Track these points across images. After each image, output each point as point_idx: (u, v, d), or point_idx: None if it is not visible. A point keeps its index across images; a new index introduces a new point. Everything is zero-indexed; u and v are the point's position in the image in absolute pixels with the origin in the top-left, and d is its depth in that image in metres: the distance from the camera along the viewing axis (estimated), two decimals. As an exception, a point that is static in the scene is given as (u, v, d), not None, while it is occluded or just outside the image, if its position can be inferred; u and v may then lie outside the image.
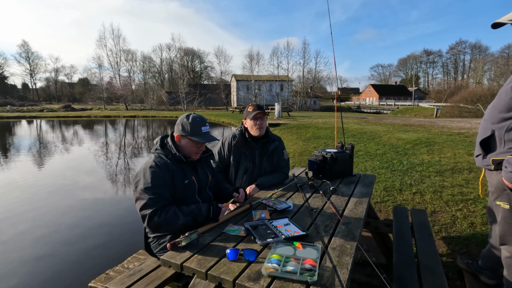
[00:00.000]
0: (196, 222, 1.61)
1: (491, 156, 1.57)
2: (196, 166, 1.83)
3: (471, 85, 48.02)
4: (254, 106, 2.36)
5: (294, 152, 7.88)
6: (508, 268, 1.67)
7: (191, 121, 1.72)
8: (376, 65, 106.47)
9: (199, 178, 1.82)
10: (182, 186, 1.70)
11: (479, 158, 1.68)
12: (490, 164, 1.58)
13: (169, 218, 1.56)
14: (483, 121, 1.68)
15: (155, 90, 54.33)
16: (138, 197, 1.58)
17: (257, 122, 2.33)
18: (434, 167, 5.16)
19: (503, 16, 1.55)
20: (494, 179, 1.60)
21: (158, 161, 1.66)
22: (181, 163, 1.73)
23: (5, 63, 64.80)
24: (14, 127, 20.89)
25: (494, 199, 1.64)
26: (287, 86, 45.84)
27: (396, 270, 1.67)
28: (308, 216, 1.68)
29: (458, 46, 71.16)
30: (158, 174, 1.60)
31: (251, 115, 2.32)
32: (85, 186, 6.03)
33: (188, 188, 1.74)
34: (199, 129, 1.71)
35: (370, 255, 2.75)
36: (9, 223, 4.09)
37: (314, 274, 1.06)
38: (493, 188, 1.63)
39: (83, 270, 2.94)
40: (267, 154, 2.44)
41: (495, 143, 1.56)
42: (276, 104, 20.69)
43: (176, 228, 1.60)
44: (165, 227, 1.59)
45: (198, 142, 1.72)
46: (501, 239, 1.67)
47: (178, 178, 1.69)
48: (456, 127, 11.07)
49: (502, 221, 1.61)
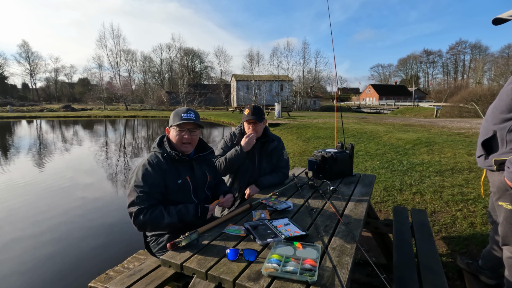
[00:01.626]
0: (183, 222, 1.61)
1: (493, 157, 1.57)
2: (192, 165, 1.81)
3: (471, 85, 48.03)
4: (250, 109, 2.33)
5: (294, 152, 7.87)
6: (509, 268, 1.67)
7: (175, 110, 1.78)
8: (376, 65, 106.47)
9: (195, 177, 1.80)
10: (175, 186, 1.70)
11: (481, 159, 1.68)
12: (492, 164, 1.58)
13: (154, 217, 1.56)
14: (484, 121, 1.68)
15: (155, 90, 54.28)
16: (128, 194, 1.61)
17: (250, 127, 2.34)
18: (434, 167, 5.16)
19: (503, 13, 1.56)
20: (496, 180, 1.60)
21: (152, 160, 1.68)
22: (177, 163, 1.73)
23: (5, 63, 64.97)
24: (14, 127, 20.88)
25: (496, 199, 1.64)
26: (287, 86, 45.82)
27: (396, 270, 1.67)
28: (308, 216, 1.68)
29: (458, 46, 71.23)
30: (149, 173, 1.62)
31: (245, 118, 2.32)
32: (85, 186, 6.03)
33: (182, 188, 1.73)
34: (180, 116, 1.72)
35: (370, 255, 2.75)
36: (9, 223, 4.10)
37: (314, 274, 1.06)
38: (495, 189, 1.63)
39: (83, 270, 2.94)
40: (266, 153, 2.43)
41: (497, 143, 1.56)
42: (276, 104, 20.69)
43: (162, 228, 1.61)
44: (150, 226, 1.60)
45: (180, 129, 1.72)
46: (503, 240, 1.67)
47: (171, 177, 1.69)
48: (456, 127, 11.07)
49: (504, 221, 1.61)
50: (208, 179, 1.89)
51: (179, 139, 1.73)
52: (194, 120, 1.72)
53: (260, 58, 63.18)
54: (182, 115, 1.72)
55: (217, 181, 2.04)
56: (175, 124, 1.72)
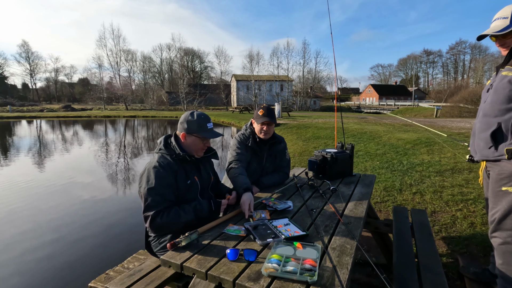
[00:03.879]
0: (198, 218, 1.63)
1: (505, 146, 1.63)
2: (199, 166, 1.83)
3: (471, 85, 47.99)
4: (264, 110, 2.29)
5: (294, 152, 7.87)
6: (503, 255, 1.69)
7: (196, 118, 1.73)
8: (376, 65, 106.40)
9: (202, 178, 1.82)
10: (185, 186, 1.70)
11: (490, 150, 1.71)
12: (504, 153, 1.64)
13: (171, 218, 1.57)
14: (483, 116, 1.75)
15: (155, 90, 54.28)
16: (143, 199, 1.59)
17: (264, 128, 2.30)
18: (434, 167, 5.16)
19: None
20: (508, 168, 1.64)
21: (162, 161, 1.64)
22: (184, 163, 1.73)
23: (5, 63, 64.87)
24: (14, 127, 20.88)
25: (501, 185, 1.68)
26: (287, 86, 45.81)
27: (396, 270, 1.67)
28: (308, 216, 1.68)
29: (458, 46, 71.20)
30: (161, 174, 1.59)
31: (260, 120, 2.27)
32: (85, 186, 6.03)
33: (191, 188, 1.73)
34: (205, 126, 1.73)
35: (370, 255, 2.75)
36: (9, 222, 4.10)
37: (314, 274, 1.06)
38: (503, 176, 1.67)
39: (83, 270, 2.94)
40: (272, 155, 2.43)
41: (502, 134, 1.64)
42: (276, 104, 20.71)
43: (180, 227, 1.61)
44: (168, 227, 1.60)
45: (205, 138, 1.73)
46: (495, 226, 1.71)
47: (181, 178, 1.69)
48: (456, 127, 11.08)
49: (506, 205, 1.65)
50: (212, 179, 1.92)
51: (200, 148, 1.75)
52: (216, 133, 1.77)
53: (260, 58, 63.14)
54: (207, 125, 1.73)
55: (217, 180, 2.06)
56: (201, 135, 1.71)
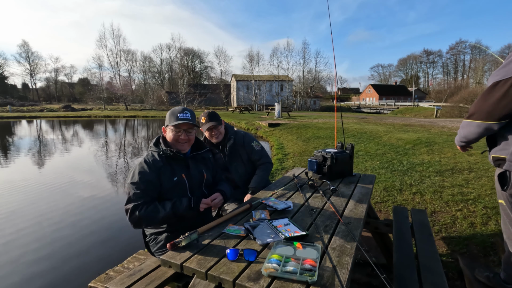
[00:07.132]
0: (177, 215, 1.63)
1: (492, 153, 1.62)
2: (188, 163, 1.82)
3: (471, 85, 47.99)
4: (206, 116, 2.29)
5: (294, 152, 7.87)
6: None
7: (171, 110, 1.78)
8: (376, 65, 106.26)
9: (191, 176, 1.80)
10: (171, 183, 1.71)
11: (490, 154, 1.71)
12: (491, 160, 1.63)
13: (149, 212, 1.59)
14: None
15: (155, 90, 54.29)
16: (126, 192, 1.65)
17: (213, 132, 2.31)
18: (434, 167, 5.16)
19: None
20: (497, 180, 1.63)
21: (148, 158, 1.70)
22: (171, 160, 1.74)
23: (5, 63, 65.05)
24: (14, 127, 20.88)
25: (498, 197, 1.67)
26: (287, 86, 45.80)
27: (396, 270, 1.67)
28: (308, 216, 1.68)
29: (458, 46, 71.20)
30: (145, 171, 1.64)
31: (205, 127, 2.28)
32: (85, 186, 6.02)
33: (178, 186, 1.73)
34: (176, 116, 1.73)
35: (370, 255, 2.74)
36: (9, 222, 4.09)
37: (314, 274, 1.06)
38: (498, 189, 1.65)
39: (83, 270, 2.93)
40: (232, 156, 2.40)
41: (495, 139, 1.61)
42: (276, 104, 20.72)
43: (157, 222, 1.63)
44: (145, 221, 1.61)
45: (177, 129, 1.73)
46: None
47: (166, 175, 1.70)
48: (456, 127, 11.07)
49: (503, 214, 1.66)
50: (204, 177, 1.89)
51: (175, 139, 1.75)
52: (190, 120, 1.74)
53: (260, 58, 63.17)
54: (178, 115, 1.73)
55: (216, 180, 2.04)
56: (171, 124, 1.73)
